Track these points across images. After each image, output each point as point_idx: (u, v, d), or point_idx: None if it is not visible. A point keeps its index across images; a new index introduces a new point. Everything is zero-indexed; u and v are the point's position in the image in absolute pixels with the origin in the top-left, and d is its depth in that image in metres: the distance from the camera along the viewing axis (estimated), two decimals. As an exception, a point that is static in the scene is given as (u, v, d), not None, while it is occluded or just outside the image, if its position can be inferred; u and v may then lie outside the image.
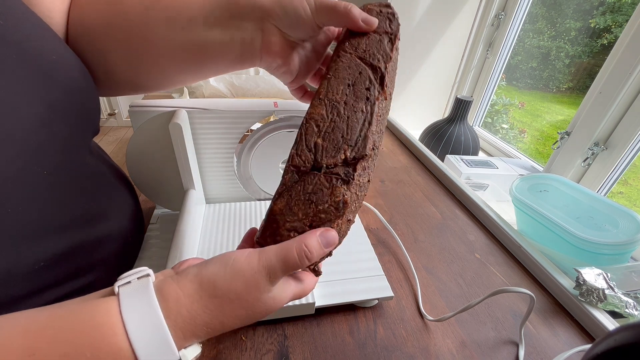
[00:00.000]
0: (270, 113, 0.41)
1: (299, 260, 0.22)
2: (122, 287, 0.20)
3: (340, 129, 0.25)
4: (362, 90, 0.26)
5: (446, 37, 1.06)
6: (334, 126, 0.25)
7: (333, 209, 0.23)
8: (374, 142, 0.25)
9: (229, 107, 0.40)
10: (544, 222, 0.51)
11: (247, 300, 0.21)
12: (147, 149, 0.40)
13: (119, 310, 0.19)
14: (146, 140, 0.39)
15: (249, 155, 0.44)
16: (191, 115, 0.39)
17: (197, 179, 0.42)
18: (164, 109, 0.38)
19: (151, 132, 0.39)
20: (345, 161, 0.24)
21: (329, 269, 0.39)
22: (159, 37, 0.29)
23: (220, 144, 0.42)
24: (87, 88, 0.29)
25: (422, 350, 0.35)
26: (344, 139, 0.24)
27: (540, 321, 0.40)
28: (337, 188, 0.23)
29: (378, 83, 0.26)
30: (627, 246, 0.45)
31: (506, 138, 1.10)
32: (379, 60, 0.27)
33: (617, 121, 0.65)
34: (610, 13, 0.83)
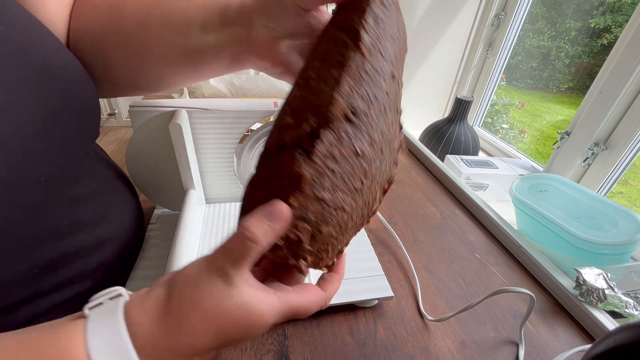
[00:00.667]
0: (270, 113, 0.41)
1: (239, 244, 0.18)
2: (92, 309, 0.18)
3: (309, 102, 0.22)
4: (336, 56, 0.22)
5: (446, 37, 1.06)
6: (304, 102, 0.22)
7: (289, 186, 0.20)
8: (350, 104, 0.21)
9: (229, 107, 0.40)
10: (544, 222, 0.51)
11: (205, 310, 0.18)
12: (147, 149, 0.40)
13: (85, 335, 0.17)
14: (146, 140, 0.39)
15: (249, 155, 0.44)
16: (191, 115, 0.39)
17: (197, 179, 0.42)
18: (164, 109, 0.38)
19: (151, 132, 0.39)
20: (311, 133, 0.21)
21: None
22: (158, 41, 0.30)
23: (220, 144, 0.42)
24: (87, 93, 0.29)
25: (422, 350, 0.35)
26: (311, 110, 0.21)
27: (540, 321, 0.40)
28: (294, 162, 0.20)
29: (351, 41, 0.22)
30: (627, 246, 0.45)
31: (506, 138, 1.10)
32: (355, 21, 0.23)
33: (617, 121, 0.65)
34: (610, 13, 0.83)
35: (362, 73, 0.22)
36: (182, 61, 0.31)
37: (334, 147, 0.21)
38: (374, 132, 0.23)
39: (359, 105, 0.21)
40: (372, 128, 0.22)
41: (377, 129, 0.23)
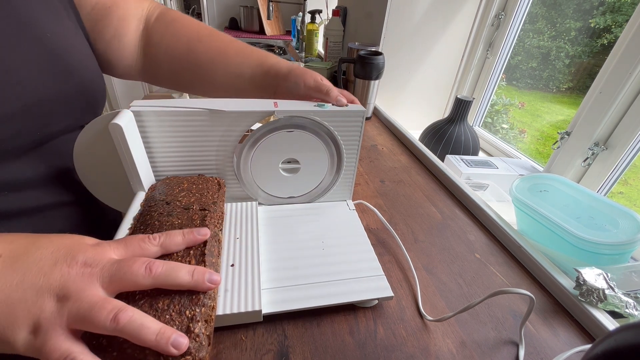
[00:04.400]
0: (270, 113, 0.41)
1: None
2: None
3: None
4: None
5: (446, 37, 1.06)
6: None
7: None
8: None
9: (229, 107, 0.40)
10: (544, 222, 0.51)
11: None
12: (95, 150, 0.38)
13: None
14: (93, 141, 0.37)
15: (249, 155, 0.44)
16: (191, 115, 0.39)
17: (149, 180, 0.40)
18: (162, 109, 0.38)
19: (98, 132, 0.37)
20: None
21: (329, 269, 0.39)
22: (219, 79, 0.47)
23: (220, 144, 0.42)
24: (97, 80, 0.38)
25: (422, 350, 0.35)
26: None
27: (540, 321, 0.40)
28: None
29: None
30: (627, 246, 0.45)
31: (506, 138, 1.10)
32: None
33: (617, 121, 0.65)
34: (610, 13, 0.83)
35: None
36: (228, 92, 0.48)
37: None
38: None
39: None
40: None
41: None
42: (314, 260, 0.41)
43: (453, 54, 1.10)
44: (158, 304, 0.24)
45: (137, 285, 0.24)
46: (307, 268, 0.39)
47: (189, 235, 0.29)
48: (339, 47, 1.35)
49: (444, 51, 1.09)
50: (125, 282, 0.23)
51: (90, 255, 0.24)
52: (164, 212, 0.33)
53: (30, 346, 0.21)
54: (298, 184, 0.48)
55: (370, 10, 1.12)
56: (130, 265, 0.24)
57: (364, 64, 0.91)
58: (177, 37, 0.46)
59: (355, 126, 0.45)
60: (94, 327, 0.21)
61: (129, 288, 0.24)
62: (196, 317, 0.24)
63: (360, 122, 0.45)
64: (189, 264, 0.27)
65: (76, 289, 0.22)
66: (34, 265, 0.22)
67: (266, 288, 0.36)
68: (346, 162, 0.48)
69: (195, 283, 0.25)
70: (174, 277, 0.24)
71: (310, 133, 0.44)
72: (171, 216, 0.32)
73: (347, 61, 0.98)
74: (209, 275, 0.26)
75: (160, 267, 0.24)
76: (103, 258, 0.24)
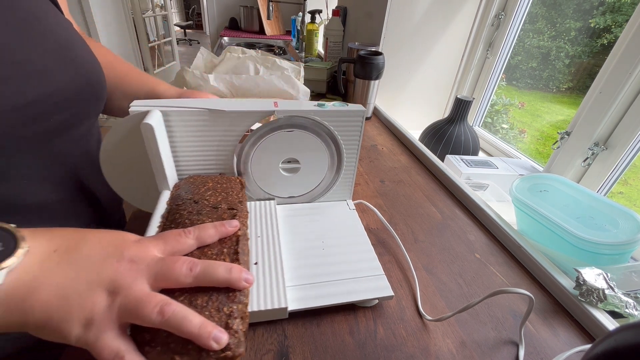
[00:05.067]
0: (270, 113, 0.41)
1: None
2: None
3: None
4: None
5: (446, 37, 1.06)
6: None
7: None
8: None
9: (229, 107, 0.40)
10: (544, 222, 0.51)
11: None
12: (122, 149, 0.39)
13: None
14: (121, 140, 0.38)
15: (249, 155, 0.44)
16: (191, 115, 0.39)
17: (174, 179, 0.41)
18: (162, 109, 0.38)
19: (126, 132, 0.38)
20: None
21: (329, 269, 0.39)
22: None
23: (220, 144, 0.42)
24: (100, 72, 0.40)
25: (422, 350, 0.35)
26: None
27: (540, 321, 0.40)
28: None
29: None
30: (627, 246, 0.45)
31: (506, 138, 1.10)
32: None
33: (617, 121, 0.65)
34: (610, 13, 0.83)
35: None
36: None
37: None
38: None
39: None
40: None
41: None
42: (314, 260, 0.41)
43: (453, 54, 1.10)
44: (197, 301, 0.25)
45: (179, 283, 0.25)
46: (307, 268, 0.39)
47: (221, 227, 0.30)
48: (339, 47, 1.35)
49: (444, 51, 1.09)
50: (168, 280, 0.25)
51: (134, 251, 0.25)
52: (193, 210, 0.34)
53: (83, 340, 0.22)
54: (298, 184, 0.48)
55: (370, 10, 1.12)
56: (173, 264, 0.25)
57: (364, 64, 0.91)
58: (101, 58, 0.47)
59: (355, 126, 0.45)
60: (141, 320, 0.22)
61: (172, 285, 0.25)
62: (233, 313, 0.25)
63: (360, 122, 0.45)
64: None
65: (125, 284, 0.23)
66: (86, 261, 0.23)
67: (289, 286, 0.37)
68: (346, 162, 0.48)
69: (233, 281, 0.26)
70: (213, 275, 0.25)
71: (310, 133, 0.44)
72: (201, 215, 0.33)
73: (347, 61, 0.98)
74: (244, 274, 0.26)
75: (199, 266, 0.25)
76: (147, 255, 0.25)
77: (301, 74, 0.83)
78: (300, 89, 0.75)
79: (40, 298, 0.21)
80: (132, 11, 2.56)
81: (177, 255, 0.27)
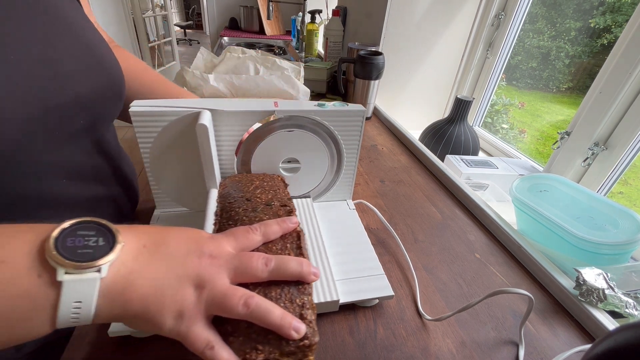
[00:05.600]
0: (271, 113, 0.41)
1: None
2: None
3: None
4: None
5: (446, 37, 1.06)
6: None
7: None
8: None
9: (229, 107, 0.40)
10: (544, 222, 0.51)
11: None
12: (170, 150, 0.41)
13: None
14: (169, 141, 0.40)
15: (250, 155, 0.44)
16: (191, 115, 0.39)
17: (218, 178, 0.42)
18: (162, 109, 0.38)
19: (174, 133, 0.40)
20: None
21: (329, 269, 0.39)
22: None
23: (220, 144, 0.42)
24: (120, 72, 0.40)
25: (422, 350, 0.35)
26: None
27: (540, 321, 0.40)
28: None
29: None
30: (627, 246, 0.45)
31: (506, 138, 1.10)
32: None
33: (617, 121, 0.65)
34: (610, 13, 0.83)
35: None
36: None
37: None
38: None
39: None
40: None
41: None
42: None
43: (453, 54, 1.10)
44: (271, 294, 0.26)
45: (256, 277, 0.26)
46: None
47: (283, 224, 0.31)
48: (339, 47, 1.35)
49: (444, 51, 1.09)
50: (246, 274, 0.26)
51: (212, 247, 0.26)
52: (248, 208, 0.35)
53: (176, 330, 0.23)
54: (298, 184, 0.48)
55: (370, 10, 1.12)
56: (249, 260, 0.26)
57: (364, 64, 0.91)
58: (124, 67, 0.49)
59: (355, 126, 0.45)
60: (228, 312, 0.24)
61: (249, 280, 0.26)
62: (306, 304, 0.26)
63: (360, 121, 0.45)
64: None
65: (209, 278, 0.24)
66: (172, 256, 0.24)
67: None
68: (346, 161, 0.48)
69: (304, 274, 0.27)
70: (286, 269, 0.27)
71: (310, 133, 0.44)
72: (257, 212, 0.34)
73: (347, 61, 0.98)
74: (312, 268, 0.28)
75: (273, 261, 0.27)
76: (223, 251, 0.26)
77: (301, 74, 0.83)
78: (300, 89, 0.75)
79: (138, 290, 0.22)
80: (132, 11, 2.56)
81: (246, 250, 0.28)
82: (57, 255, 0.19)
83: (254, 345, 0.24)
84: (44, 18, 0.31)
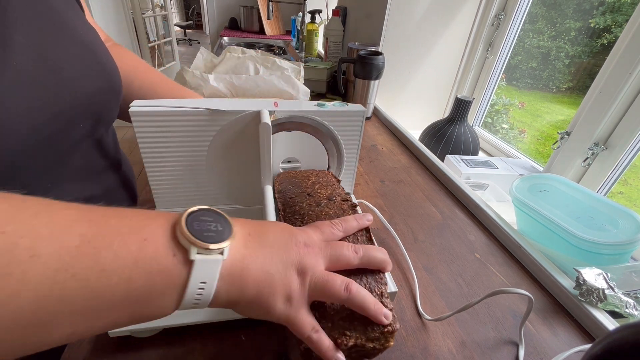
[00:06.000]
0: (270, 113, 0.41)
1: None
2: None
3: None
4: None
5: (446, 37, 1.06)
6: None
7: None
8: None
9: (229, 107, 0.40)
10: (544, 222, 0.51)
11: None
12: (229, 148, 0.42)
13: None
14: (228, 140, 0.41)
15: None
16: (192, 115, 0.39)
17: (273, 175, 0.44)
18: (162, 109, 0.38)
19: (235, 132, 0.41)
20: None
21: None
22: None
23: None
24: (118, 74, 0.40)
25: (422, 350, 0.35)
26: None
27: (540, 321, 0.40)
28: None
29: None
30: (627, 246, 0.45)
31: (506, 138, 1.10)
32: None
33: (617, 121, 0.65)
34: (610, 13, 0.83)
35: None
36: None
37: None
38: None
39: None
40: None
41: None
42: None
43: (453, 54, 1.10)
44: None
45: (348, 264, 0.27)
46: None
47: (360, 220, 0.32)
48: (339, 47, 1.35)
49: (444, 51, 1.08)
50: (340, 261, 0.27)
51: (304, 237, 0.27)
52: (312, 203, 0.35)
53: (285, 314, 0.24)
54: (298, 184, 0.49)
55: (370, 10, 1.12)
56: (341, 248, 0.27)
57: (364, 64, 0.91)
58: (121, 68, 0.49)
59: (355, 126, 0.45)
60: (330, 297, 0.25)
61: (343, 267, 0.27)
62: (384, 293, 0.27)
63: (360, 121, 0.45)
64: None
65: (310, 264, 0.25)
66: (274, 244, 0.25)
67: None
68: (346, 161, 0.48)
69: (388, 262, 0.29)
70: (374, 257, 0.28)
71: (310, 133, 0.44)
72: (321, 206, 0.35)
73: (347, 61, 0.98)
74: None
75: (362, 249, 0.28)
76: (314, 241, 0.27)
77: (301, 74, 0.83)
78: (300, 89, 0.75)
79: (252, 274, 0.23)
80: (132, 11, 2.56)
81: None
82: (190, 235, 0.20)
83: (342, 331, 0.25)
84: (44, 22, 0.31)
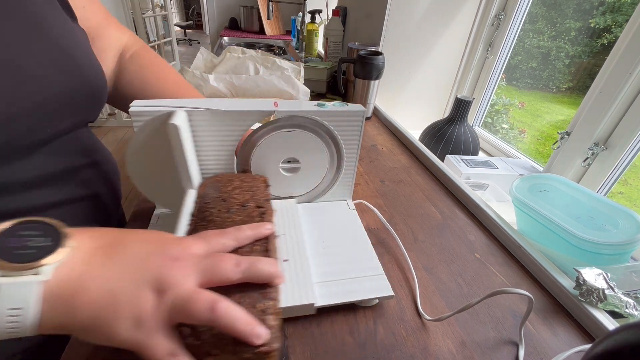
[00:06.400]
0: (270, 113, 0.41)
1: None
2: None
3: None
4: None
5: (446, 37, 1.06)
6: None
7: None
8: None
9: (229, 107, 0.40)
10: (544, 222, 0.51)
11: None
12: (147, 149, 0.40)
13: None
14: (146, 140, 0.39)
15: (249, 155, 0.44)
16: (191, 115, 0.39)
17: (197, 178, 0.42)
18: (163, 109, 0.38)
19: (151, 132, 0.39)
20: None
21: (329, 269, 0.39)
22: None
23: (220, 144, 0.42)
24: (100, 76, 0.39)
25: (422, 350, 0.35)
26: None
27: (540, 321, 0.40)
28: None
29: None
30: (627, 246, 0.45)
31: (506, 138, 1.10)
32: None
33: (617, 121, 0.65)
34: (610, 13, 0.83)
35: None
36: None
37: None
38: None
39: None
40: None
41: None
42: (314, 259, 0.41)
43: (453, 54, 1.10)
44: (231, 297, 0.24)
45: (228, 279, 0.24)
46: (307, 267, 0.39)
47: (257, 229, 0.30)
48: (339, 47, 1.35)
49: (444, 51, 1.08)
50: (217, 276, 0.24)
51: (177, 249, 0.24)
52: (222, 209, 0.34)
53: (133, 340, 0.21)
54: (298, 184, 0.48)
55: (370, 10, 1.12)
56: (220, 261, 0.24)
57: (364, 64, 0.91)
58: (146, 84, 0.49)
59: (355, 126, 0.45)
60: (191, 318, 0.22)
61: (220, 282, 0.24)
62: (268, 309, 0.25)
63: (360, 121, 0.45)
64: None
65: (173, 281, 0.22)
66: (129, 258, 0.23)
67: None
68: (346, 161, 0.48)
69: (277, 275, 0.25)
70: (259, 270, 0.25)
71: (310, 133, 0.44)
72: (230, 213, 0.34)
73: (347, 61, 0.98)
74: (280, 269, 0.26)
75: (245, 261, 0.25)
76: (189, 253, 0.25)
77: (301, 74, 0.83)
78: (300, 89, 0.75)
79: (88, 295, 0.20)
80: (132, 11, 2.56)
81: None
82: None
83: (207, 350, 0.22)
84: (11, 22, 0.29)
